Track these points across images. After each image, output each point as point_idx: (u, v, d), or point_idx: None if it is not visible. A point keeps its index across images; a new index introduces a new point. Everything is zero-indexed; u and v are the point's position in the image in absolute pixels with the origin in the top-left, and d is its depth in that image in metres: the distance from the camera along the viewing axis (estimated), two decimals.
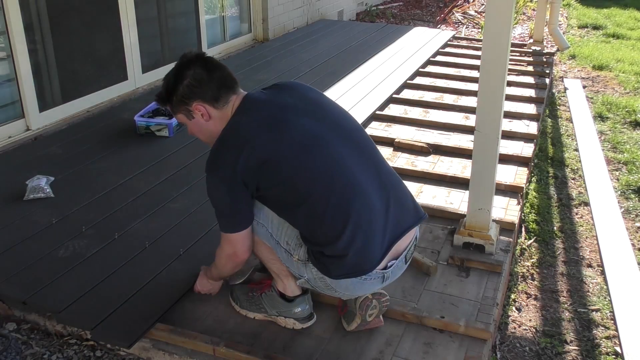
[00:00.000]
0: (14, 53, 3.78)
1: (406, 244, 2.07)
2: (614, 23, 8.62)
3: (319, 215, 1.92)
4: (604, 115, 5.03)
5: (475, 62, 5.70)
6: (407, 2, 9.82)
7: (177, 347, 2.14)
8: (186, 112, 2.03)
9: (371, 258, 1.96)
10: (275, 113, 1.97)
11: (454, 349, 2.13)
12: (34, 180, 3.12)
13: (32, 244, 2.67)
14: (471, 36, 7.58)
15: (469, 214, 2.72)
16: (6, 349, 2.22)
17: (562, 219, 3.44)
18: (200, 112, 2.00)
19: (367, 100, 4.63)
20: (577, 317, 2.62)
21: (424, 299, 2.38)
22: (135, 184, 3.22)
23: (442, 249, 2.74)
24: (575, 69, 6.47)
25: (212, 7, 5.97)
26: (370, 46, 6.28)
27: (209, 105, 1.99)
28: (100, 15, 4.52)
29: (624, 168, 4.09)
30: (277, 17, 6.71)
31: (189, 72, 1.98)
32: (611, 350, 2.43)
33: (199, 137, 2.10)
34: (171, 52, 5.34)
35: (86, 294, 2.33)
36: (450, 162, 3.65)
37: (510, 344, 2.45)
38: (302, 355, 2.09)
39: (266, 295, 2.23)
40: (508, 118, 4.35)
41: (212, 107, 1.99)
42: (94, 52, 4.51)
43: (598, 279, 2.90)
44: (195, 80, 1.97)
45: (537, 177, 3.87)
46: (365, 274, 1.96)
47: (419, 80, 5.30)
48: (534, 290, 2.80)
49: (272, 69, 5.38)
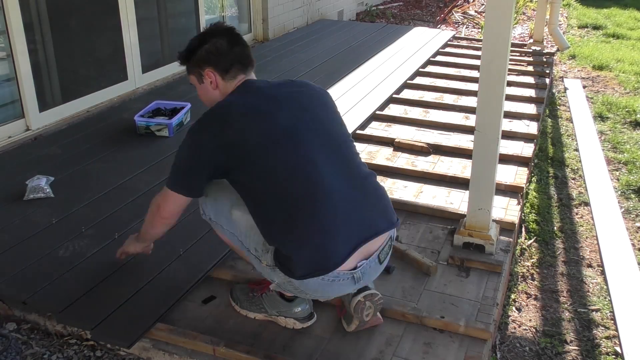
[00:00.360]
0: (14, 53, 3.78)
1: (378, 246, 2.05)
2: (614, 23, 8.62)
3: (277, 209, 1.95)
4: (604, 115, 5.03)
5: (475, 62, 5.70)
6: (407, 2, 9.82)
7: (177, 347, 2.14)
8: (198, 75, 2.12)
9: (333, 257, 1.94)
10: (260, 104, 2.02)
11: (454, 349, 2.13)
12: (34, 180, 3.12)
13: (32, 244, 2.67)
14: (471, 36, 7.58)
15: (469, 214, 2.72)
16: (6, 349, 2.22)
17: (562, 219, 3.44)
18: (210, 78, 2.10)
19: (367, 100, 4.63)
20: (577, 317, 2.62)
21: (424, 299, 2.38)
22: (135, 184, 3.22)
23: (442, 249, 2.74)
24: (575, 69, 6.47)
25: (212, 7, 5.97)
26: (370, 46, 6.28)
27: (219, 74, 2.09)
28: (100, 15, 4.52)
29: (624, 168, 4.09)
30: (277, 17, 6.71)
31: (212, 39, 2.10)
32: (611, 350, 2.43)
33: (203, 100, 2.18)
34: (171, 52, 5.34)
35: (86, 294, 2.33)
36: (450, 162, 3.65)
37: (510, 344, 2.45)
38: (302, 355, 2.09)
39: (266, 296, 2.23)
40: (508, 118, 4.35)
41: (221, 78, 2.09)
42: (94, 52, 4.51)
43: (598, 279, 2.90)
44: (215, 47, 2.08)
45: (537, 177, 3.87)
46: (330, 274, 1.94)
47: (419, 80, 5.31)
48: (534, 290, 2.80)
49: (272, 69, 5.39)
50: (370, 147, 3.87)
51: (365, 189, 2.06)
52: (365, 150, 3.81)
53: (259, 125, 1.97)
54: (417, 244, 2.77)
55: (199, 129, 2.01)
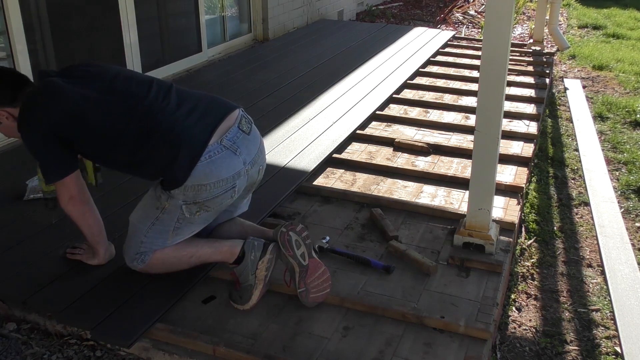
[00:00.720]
0: (14, 53, 3.78)
1: (233, 120, 2.27)
2: (614, 23, 8.63)
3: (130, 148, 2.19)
4: (604, 115, 5.03)
5: (475, 62, 5.71)
6: (407, 2, 9.82)
7: (177, 347, 2.14)
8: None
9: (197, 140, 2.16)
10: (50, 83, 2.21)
11: (454, 349, 2.13)
12: (34, 180, 3.11)
13: (32, 244, 2.67)
14: (471, 36, 7.58)
15: (469, 214, 2.72)
16: (6, 349, 2.22)
17: (562, 219, 3.44)
18: (3, 115, 2.24)
19: (367, 100, 4.63)
20: (577, 317, 2.62)
21: (424, 299, 2.38)
22: (135, 184, 3.22)
23: (442, 249, 2.74)
24: (575, 69, 6.47)
25: (212, 7, 5.96)
26: (370, 46, 6.28)
27: (8, 107, 2.23)
28: (100, 15, 4.52)
29: (624, 168, 4.09)
30: (277, 17, 6.71)
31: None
32: (611, 350, 2.43)
33: (14, 136, 2.31)
34: (171, 52, 5.34)
35: (86, 294, 2.33)
36: (450, 162, 3.65)
37: (510, 344, 2.45)
38: (302, 355, 2.09)
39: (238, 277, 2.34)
40: (508, 118, 4.35)
41: (13, 108, 2.23)
42: (94, 52, 4.51)
43: (598, 279, 2.91)
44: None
45: (537, 177, 3.87)
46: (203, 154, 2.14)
47: (419, 80, 5.31)
48: (534, 290, 2.80)
49: (272, 69, 5.38)
50: (370, 147, 3.87)
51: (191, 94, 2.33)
52: (365, 150, 3.82)
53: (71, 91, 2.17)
54: (417, 244, 2.77)
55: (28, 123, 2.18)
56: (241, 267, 2.30)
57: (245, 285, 2.30)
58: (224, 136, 2.21)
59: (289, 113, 4.34)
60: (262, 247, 2.32)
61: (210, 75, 5.25)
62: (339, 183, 3.37)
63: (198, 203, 2.22)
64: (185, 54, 5.49)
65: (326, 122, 4.15)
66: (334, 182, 3.38)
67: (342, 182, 3.38)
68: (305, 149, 3.71)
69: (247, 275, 2.29)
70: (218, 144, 2.19)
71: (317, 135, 3.92)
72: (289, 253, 2.28)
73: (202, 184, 2.17)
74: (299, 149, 3.70)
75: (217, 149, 2.18)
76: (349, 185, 3.33)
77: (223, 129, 2.23)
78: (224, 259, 2.37)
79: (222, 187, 2.21)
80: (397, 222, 2.95)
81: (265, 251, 2.30)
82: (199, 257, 2.37)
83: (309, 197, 3.21)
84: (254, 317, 2.28)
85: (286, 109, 4.41)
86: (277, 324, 2.24)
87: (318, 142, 3.82)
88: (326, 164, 3.59)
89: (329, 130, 4.02)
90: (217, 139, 2.20)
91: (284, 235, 2.30)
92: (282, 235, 2.30)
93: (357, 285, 2.46)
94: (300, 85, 4.97)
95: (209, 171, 2.16)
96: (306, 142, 3.82)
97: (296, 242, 2.30)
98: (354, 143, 3.93)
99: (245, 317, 2.28)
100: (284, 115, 4.28)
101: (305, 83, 5.02)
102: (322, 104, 4.53)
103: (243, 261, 2.30)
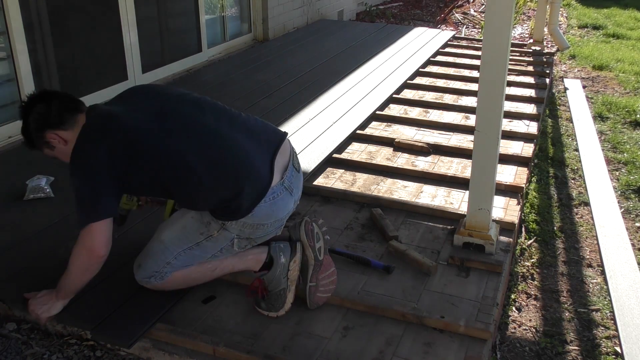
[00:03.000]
0: (14, 53, 3.78)
1: (287, 155, 2.28)
2: (614, 23, 8.63)
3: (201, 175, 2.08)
4: (604, 115, 5.03)
5: (475, 62, 5.70)
6: (407, 2, 9.82)
7: (177, 347, 2.14)
8: (47, 145, 2.17)
9: (261, 178, 2.14)
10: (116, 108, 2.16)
11: (454, 349, 2.13)
12: (34, 180, 3.12)
13: (32, 244, 2.67)
14: (471, 36, 7.58)
15: (469, 214, 2.72)
16: (6, 349, 2.22)
17: (562, 219, 3.44)
18: (55, 139, 2.14)
19: (367, 100, 4.63)
20: (577, 317, 2.62)
21: (424, 299, 2.38)
22: None
23: (442, 249, 2.74)
24: (575, 69, 6.47)
25: (212, 7, 5.96)
26: (370, 46, 6.28)
27: (59, 130, 2.13)
28: (100, 15, 4.52)
29: (624, 168, 4.09)
30: (277, 17, 6.71)
31: (32, 110, 2.15)
32: (611, 350, 2.43)
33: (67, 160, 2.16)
34: (171, 52, 5.34)
35: (86, 294, 2.33)
36: (450, 162, 3.65)
37: (510, 344, 2.45)
38: (302, 355, 2.09)
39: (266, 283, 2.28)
40: (508, 118, 4.35)
41: (63, 131, 2.13)
42: (94, 52, 4.51)
43: (598, 279, 2.91)
44: (38, 114, 2.13)
45: (537, 177, 3.87)
46: (268, 193, 2.13)
47: (419, 80, 5.31)
48: (534, 290, 2.80)
49: (272, 69, 5.39)
50: (370, 147, 3.87)
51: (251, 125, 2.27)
52: (365, 150, 3.82)
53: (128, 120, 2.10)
54: (417, 244, 2.77)
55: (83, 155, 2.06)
56: (272, 273, 2.25)
57: (277, 290, 2.25)
58: (285, 176, 2.21)
59: (289, 113, 4.34)
60: (289, 247, 2.30)
61: (210, 75, 5.25)
62: (339, 183, 3.37)
63: (251, 239, 2.22)
64: (185, 54, 5.49)
65: (326, 122, 4.15)
66: (334, 182, 3.38)
67: (342, 182, 3.38)
68: (305, 149, 3.71)
69: (280, 279, 2.25)
70: (280, 185, 2.18)
71: (317, 135, 3.92)
72: (311, 244, 2.27)
73: (262, 224, 2.17)
74: (299, 149, 3.70)
75: (279, 190, 2.18)
76: (349, 185, 3.34)
77: (281, 166, 2.22)
78: (249, 267, 2.34)
79: (276, 225, 2.23)
80: (397, 222, 2.95)
81: (295, 250, 2.29)
82: (222, 268, 2.32)
83: (309, 197, 3.21)
84: (254, 317, 2.28)
85: (286, 109, 4.41)
86: (277, 324, 2.24)
87: (318, 142, 3.82)
88: (326, 164, 3.59)
89: (329, 130, 4.02)
90: (279, 178, 2.19)
91: (308, 224, 2.31)
92: (306, 225, 2.31)
93: (357, 285, 2.46)
94: (300, 85, 4.97)
95: (271, 212, 2.17)
96: (306, 142, 3.82)
97: (316, 235, 2.31)
98: (354, 143, 3.93)
99: (245, 317, 2.28)
100: (283, 115, 4.28)
101: (305, 83, 5.02)
102: (322, 104, 4.53)
103: (273, 266, 2.26)
